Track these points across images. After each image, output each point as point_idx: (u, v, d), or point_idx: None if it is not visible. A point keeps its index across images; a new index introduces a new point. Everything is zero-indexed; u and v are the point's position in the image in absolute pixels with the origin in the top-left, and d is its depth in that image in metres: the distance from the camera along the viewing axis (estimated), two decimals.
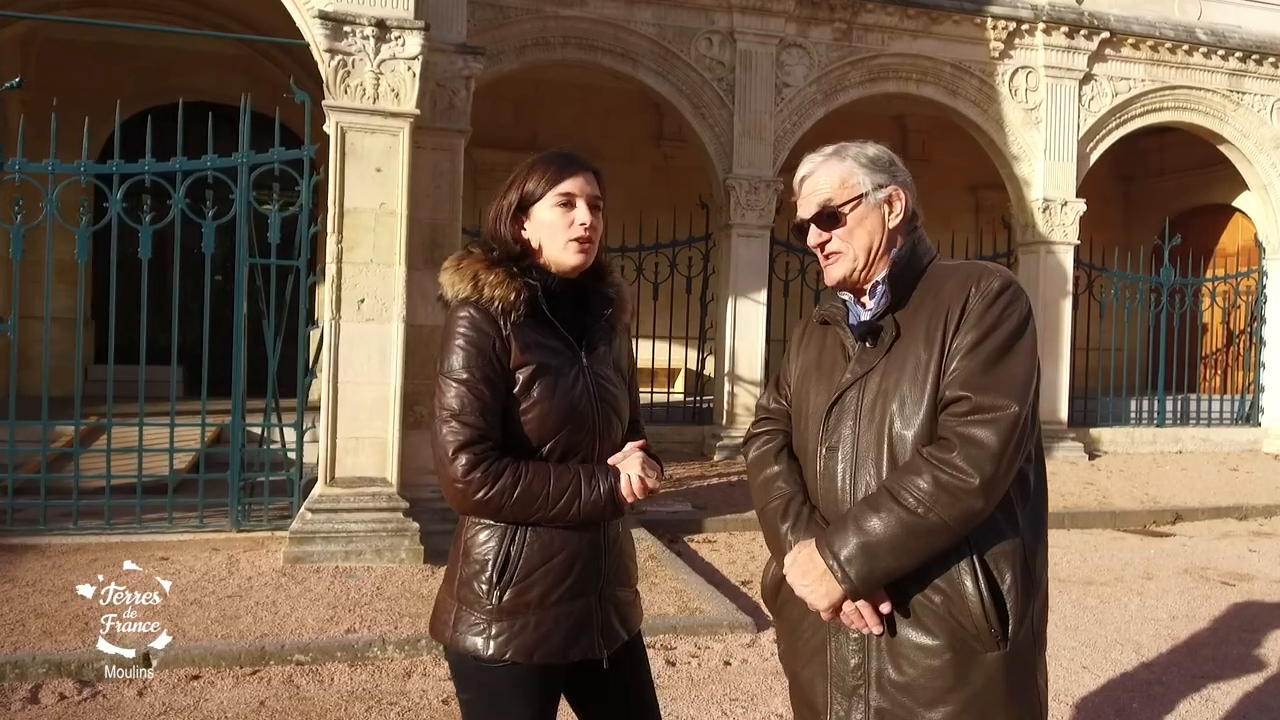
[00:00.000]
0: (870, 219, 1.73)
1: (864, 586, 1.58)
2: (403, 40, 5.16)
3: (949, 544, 1.57)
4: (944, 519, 1.54)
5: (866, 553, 1.57)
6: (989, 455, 1.54)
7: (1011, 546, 1.61)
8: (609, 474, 1.78)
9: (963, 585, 1.57)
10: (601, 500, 1.75)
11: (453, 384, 1.71)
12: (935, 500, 1.54)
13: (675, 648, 4.23)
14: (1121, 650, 4.37)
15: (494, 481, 1.68)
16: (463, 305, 1.75)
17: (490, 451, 1.70)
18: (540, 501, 1.71)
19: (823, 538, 1.63)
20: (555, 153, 1.86)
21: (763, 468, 1.82)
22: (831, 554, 1.59)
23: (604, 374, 1.85)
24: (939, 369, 1.61)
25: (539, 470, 1.73)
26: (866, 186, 1.72)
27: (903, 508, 1.56)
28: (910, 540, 1.55)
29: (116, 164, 5.55)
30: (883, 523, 1.56)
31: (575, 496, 1.73)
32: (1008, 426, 1.55)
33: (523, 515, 1.72)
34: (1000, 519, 1.61)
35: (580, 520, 1.75)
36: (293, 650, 3.96)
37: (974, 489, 1.53)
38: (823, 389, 1.74)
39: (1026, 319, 1.63)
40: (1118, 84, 10.53)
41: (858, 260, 1.73)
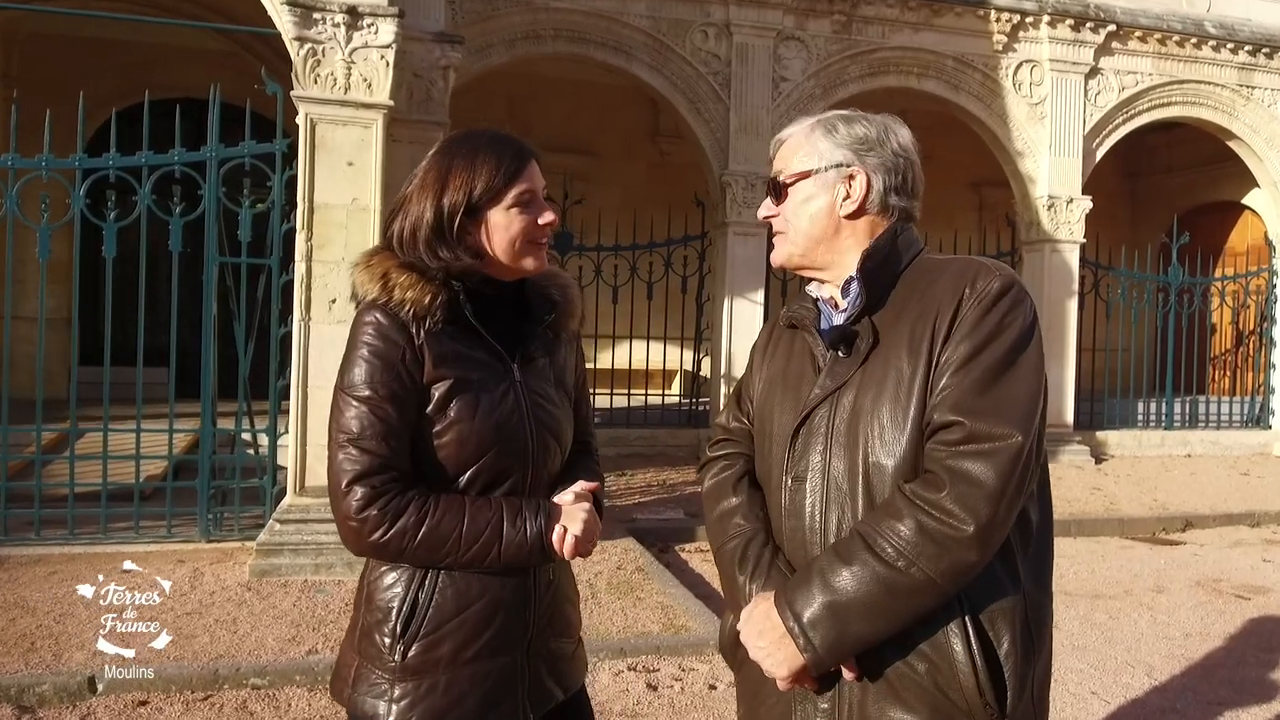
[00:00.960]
0: (817, 200, 1.48)
1: (830, 655, 1.31)
2: (375, 28, 4.92)
3: (935, 604, 1.29)
4: (930, 574, 1.27)
5: (834, 615, 1.29)
6: (985, 496, 1.26)
7: (1011, 603, 1.33)
8: (540, 511, 1.50)
9: (951, 651, 1.30)
10: (528, 544, 1.47)
11: (352, 402, 1.45)
12: (919, 551, 1.27)
13: (658, 670, 3.98)
14: (1133, 673, 4.11)
15: (393, 520, 1.42)
16: (369, 309, 1.49)
17: (391, 484, 1.44)
18: (451, 545, 1.44)
19: (783, 593, 1.35)
20: (491, 137, 1.57)
21: (719, 499, 1.55)
22: (792, 614, 1.32)
23: (541, 390, 1.59)
24: (925, 386, 1.33)
25: (451, 507, 1.45)
26: (820, 163, 1.47)
27: (879, 560, 1.28)
28: (888, 600, 1.28)
29: (79, 158, 5.32)
30: (855, 578, 1.29)
31: (495, 539, 1.45)
32: (1009, 460, 1.27)
33: (429, 560, 1.46)
34: (998, 568, 1.33)
35: (501, 567, 1.48)
36: (249, 673, 3.72)
37: (967, 538, 1.26)
38: (789, 406, 1.47)
39: (1031, 328, 1.36)
40: (1124, 78, 10.26)
41: (795, 245, 1.50)
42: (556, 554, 1.50)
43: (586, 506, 1.55)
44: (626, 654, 4.07)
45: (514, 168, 1.53)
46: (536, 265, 1.57)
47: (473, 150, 1.53)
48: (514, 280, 1.60)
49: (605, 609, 4.62)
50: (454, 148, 1.55)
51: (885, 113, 1.56)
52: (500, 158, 1.52)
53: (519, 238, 1.53)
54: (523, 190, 1.53)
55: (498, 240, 1.53)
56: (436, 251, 1.49)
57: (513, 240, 1.53)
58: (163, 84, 9.09)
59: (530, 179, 1.54)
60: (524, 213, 1.53)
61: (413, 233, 1.51)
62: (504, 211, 1.52)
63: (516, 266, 1.56)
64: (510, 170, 1.52)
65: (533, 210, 1.54)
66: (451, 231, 1.50)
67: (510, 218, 1.53)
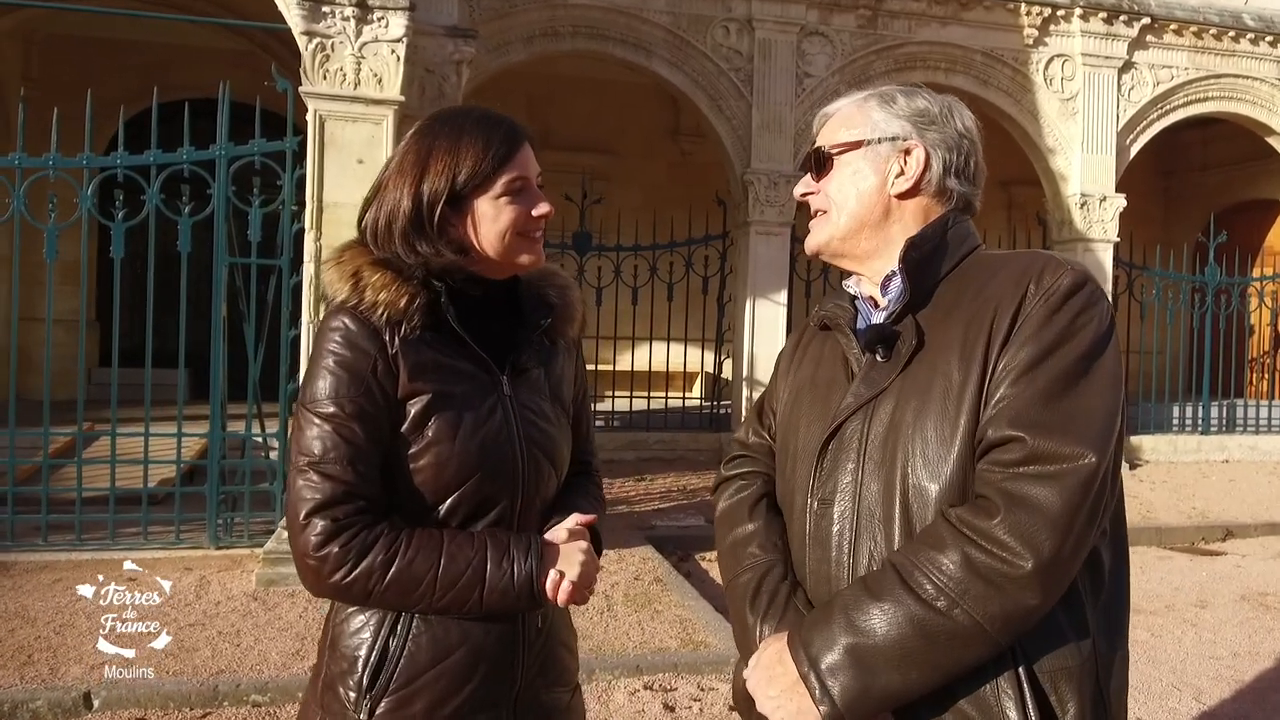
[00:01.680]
0: (865, 174, 1.29)
1: (852, 712, 1.10)
2: (386, 21, 4.78)
3: (983, 656, 1.09)
4: (977, 619, 1.06)
5: (859, 662, 1.09)
6: (1048, 526, 1.06)
7: (1079, 661, 1.12)
8: (530, 550, 1.30)
9: (1003, 716, 1.09)
10: (514, 590, 1.27)
11: (315, 420, 1.26)
12: (965, 590, 1.07)
13: (675, 689, 3.80)
14: (1179, 697, 3.88)
15: (357, 559, 1.22)
16: (337, 313, 1.30)
17: (357, 516, 1.24)
18: (425, 589, 1.25)
19: (798, 633, 1.15)
20: (479, 116, 1.36)
21: (733, 525, 1.36)
22: (808, 658, 1.11)
23: (534, 406, 1.39)
24: (979, 397, 1.13)
25: (426, 544, 1.26)
26: (873, 133, 1.29)
27: (916, 598, 1.08)
28: (925, 647, 1.07)
29: (86, 157, 5.23)
30: (886, 618, 1.09)
31: (476, 583, 1.25)
32: (1078, 485, 1.07)
33: (400, 605, 1.27)
34: (1062, 619, 1.12)
35: (483, 613, 1.29)
36: (249, 690, 3.58)
37: (1024, 576, 1.06)
38: (816, 418, 1.27)
39: (1108, 332, 1.16)
40: (1159, 72, 9.96)
41: (838, 226, 1.30)
42: (548, 601, 1.31)
43: (584, 546, 1.35)
44: (643, 671, 3.90)
45: (504, 151, 1.33)
46: (530, 261, 1.38)
47: (457, 130, 1.33)
48: (505, 280, 1.41)
49: (621, 622, 4.45)
50: (437, 127, 1.36)
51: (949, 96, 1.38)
52: (489, 139, 1.33)
53: (509, 231, 1.34)
54: (514, 177, 1.34)
55: (485, 233, 1.34)
56: (414, 245, 1.31)
57: (502, 233, 1.34)
58: (179, 84, 9.04)
59: (523, 165, 1.35)
60: (515, 202, 1.34)
61: (388, 224, 1.32)
62: (492, 201, 1.33)
63: (507, 264, 1.37)
64: (500, 154, 1.33)
65: (525, 200, 1.35)
66: (431, 223, 1.31)
67: (499, 208, 1.33)
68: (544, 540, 1.34)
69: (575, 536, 1.36)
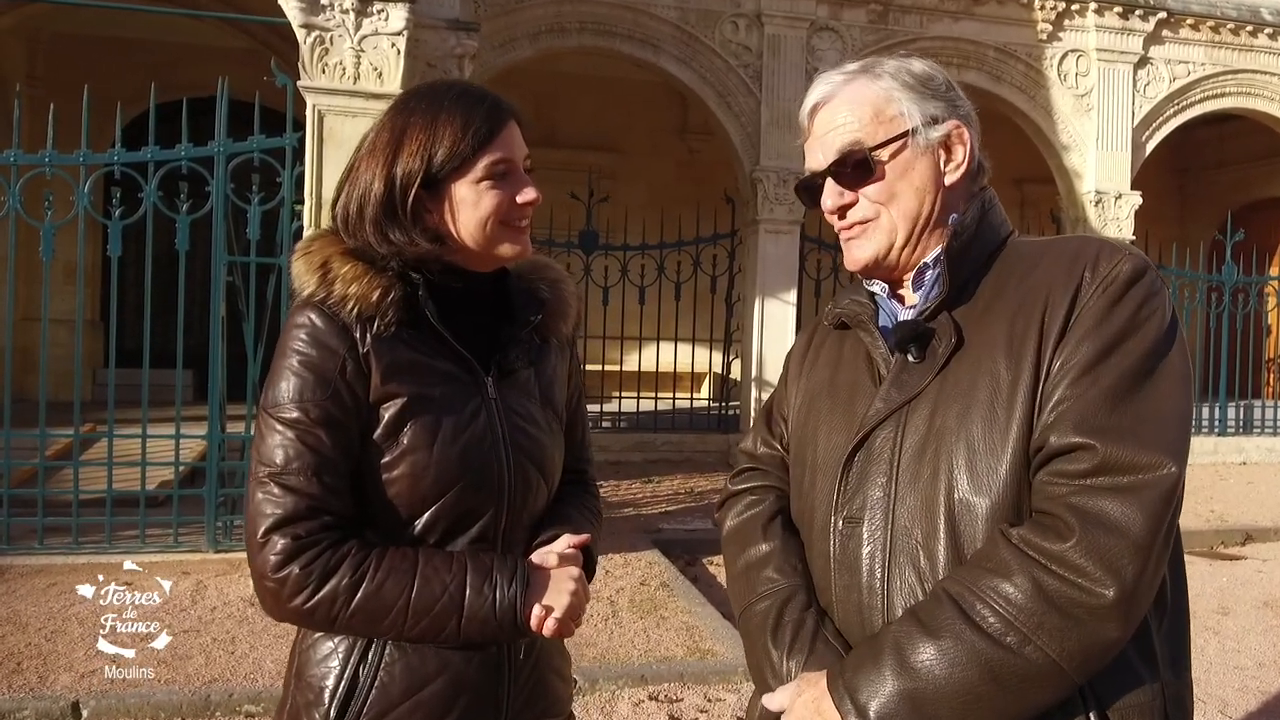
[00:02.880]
0: (919, 170, 1.12)
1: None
2: (385, 14, 4.69)
3: (1057, 698, 0.96)
4: (1052, 656, 0.93)
5: (916, 710, 0.96)
6: (1132, 548, 0.93)
7: (1149, 696, 1.00)
8: (516, 576, 1.17)
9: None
10: (495, 620, 1.14)
11: (276, 426, 1.14)
12: (1038, 623, 0.94)
13: (681, 699, 3.68)
14: (1204, 709, 3.74)
15: (320, 582, 1.10)
16: (303, 308, 1.18)
17: (321, 533, 1.12)
18: (396, 615, 1.12)
19: (840, 675, 1.02)
20: (461, 91, 1.23)
21: (744, 546, 1.22)
22: (855, 706, 0.98)
23: (522, 410, 1.27)
24: (1032, 399, 1.01)
25: (398, 566, 1.13)
26: (915, 120, 1.12)
27: (979, 632, 0.95)
28: (993, 692, 0.94)
29: (83, 154, 5.14)
30: (945, 658, 0.95)
31: (453, 611, 1.13)
32: (1160, 499, 0.95)
33: (368, 632, 1.16)
34: (1130, 648, 1.00)
35: (460, 643, 1.17)
36: (242, 699, 3.48)
37: (1107, 606, 0.93)
38: (838, 426, 1.14)
39: (1174, 326, 1.03)
40: (1175, 68, 9.80)
41: (897, 233, 1.13)
42: (531, 633, 1.18)
43: (575, 573, 1.21)
44: (648, 681, 3.78)
45: (486, 130, 1.19)
46: (515, 252, 1.25)
47: (435, 106, 1.20)
48: (491, 273, 1.29)
49: (626, 630, 4.34)
50: (413, 103, 1.23)
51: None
52: (469, 117, 1.19)
53: (491, 218, 1.21)
54: (496, 159, 1.20)
55: (464, 221, 1.21)
56: (387, 233, 1.18)
57: (483, 221, 1.21)
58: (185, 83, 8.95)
59: (507, 145, 1.22)
60: (498, 187, 1.21)
61: (360, 209, 1.19)
62: (472, 185, 1.20)
63: (490, 254, 1.24)
64: (481, 133, 1.19)
65: (509, 185, 1.22)
66: (405, 208, 1.18)
67: (480, 193, 1.20)
68: (530, 564, 1.21)
69: (566, 561, 1.23)
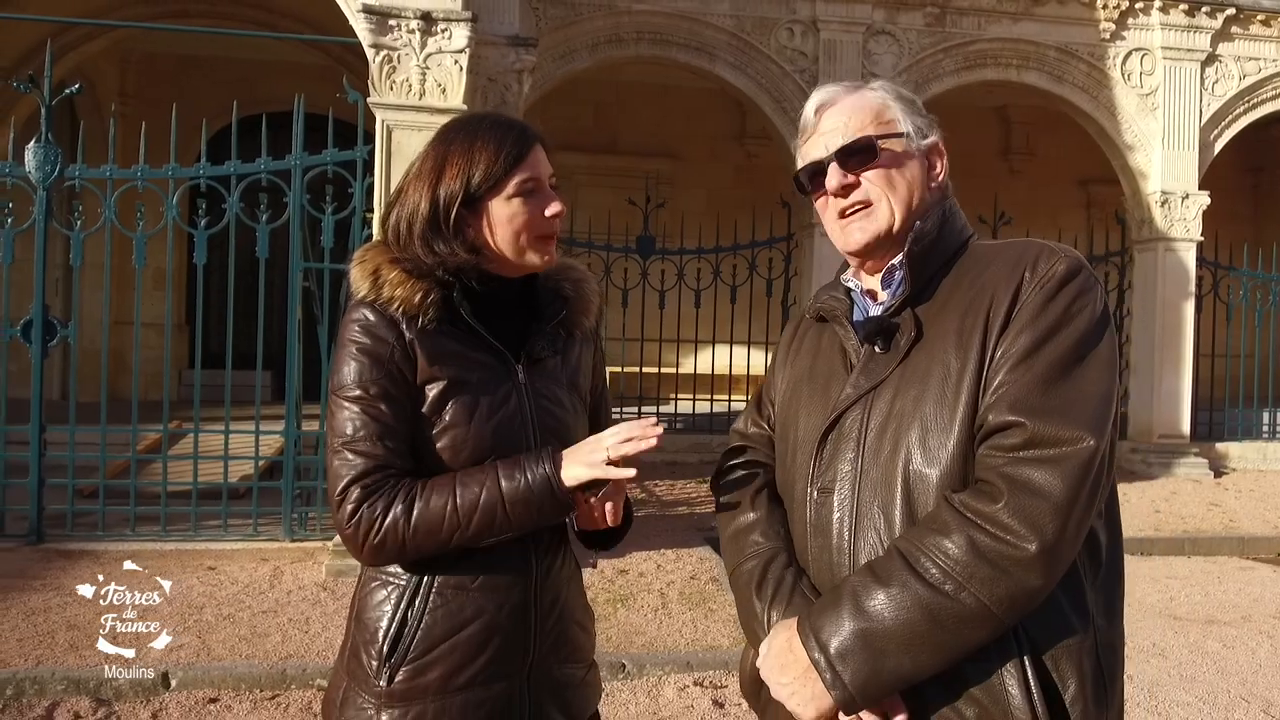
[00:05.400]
0: (913, 166, 1.30)
1: (863, 695, 1.13)
2: (449, 33, 4.95)
3: (989, 637, 1.11)
4: (983, 601, 1.09)
5: (868, 646, 1.12)
6: (1052, 509, 1.09)
7: (1078, 640, 1.15)
8: (542, 455, 1.35)
9: (1007, 695, 1.12)
10: (534, 493, 1.32)
11: (344, 404, 1.36)
12: (971, 573, 1.10)
13: (725, 686, 3.84)
14: (1247, 709, 3.75)
15: (383, 515, 1.31)
16: (357, 306, 1.40)
17: (386, 480, 1.33)
18: (450, 521, 1.31)
19: (807, 620, 1.18)
20: (493, 121, 1.45)
21: (734, 515, 1.40)
22: (818, 644, 1.15)
23: (548, 393, 1.46)
24: (977, 384, 1.16)
25: (440, 483, 1.33)
26: (907, 126, 1.30)
27: (923, 582, 1.11)
28: (933, 630, 1.10)
29: (172, 168, 5.52)
30: (894, 602, 1.12)
31: (495, 501, 1.31)
32: (1078, 468, 1.10)
33: (437, 547, 1.34)
34: (1062, 599, 1.15)
35: (514, 528, 1.34)
36: (315, 674, 3.74)
37: (1029, 558, 1.09)
38: (816, 409, 1.31)
39: (1102, 319, 1.18)
40: (1245, 65, 9.57)
41: (895, 216, 1.28)
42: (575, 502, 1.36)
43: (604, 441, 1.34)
44: (693, 668, 3.94)
45: (515, 153, 1.40)
46: (543, 261, 1.45)
47: (471, 135, 1.41)
48: (520, 276, 1.49)
49: (675, 619, 4.51)
50: (452, 134, 1.44)
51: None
52: (500, 143, 1.40)
53: (523, 231, 1.41)
54: (525, 178, 1.41)
55: (500, 234, 1.41)
56: (432, 246, 1.39)
57: (516, 233, 1.41)
58: (263, 97, 9.43)
59: (534, 166, 1.42)
60: (528, 203, 1.41)
61: (408, 226, 1.41)
62: (505, 201, 1.40)
63: (521, 263, 1.44)
64: (511, 156, 1.40)
65: (538, 200, 1.42)
66: (448, 224, 1.39)
67: (513, 208, 1.40)
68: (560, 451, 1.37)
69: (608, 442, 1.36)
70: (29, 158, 5.42)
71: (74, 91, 5.56)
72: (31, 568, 5.02)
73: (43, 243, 5.49)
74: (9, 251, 5.47)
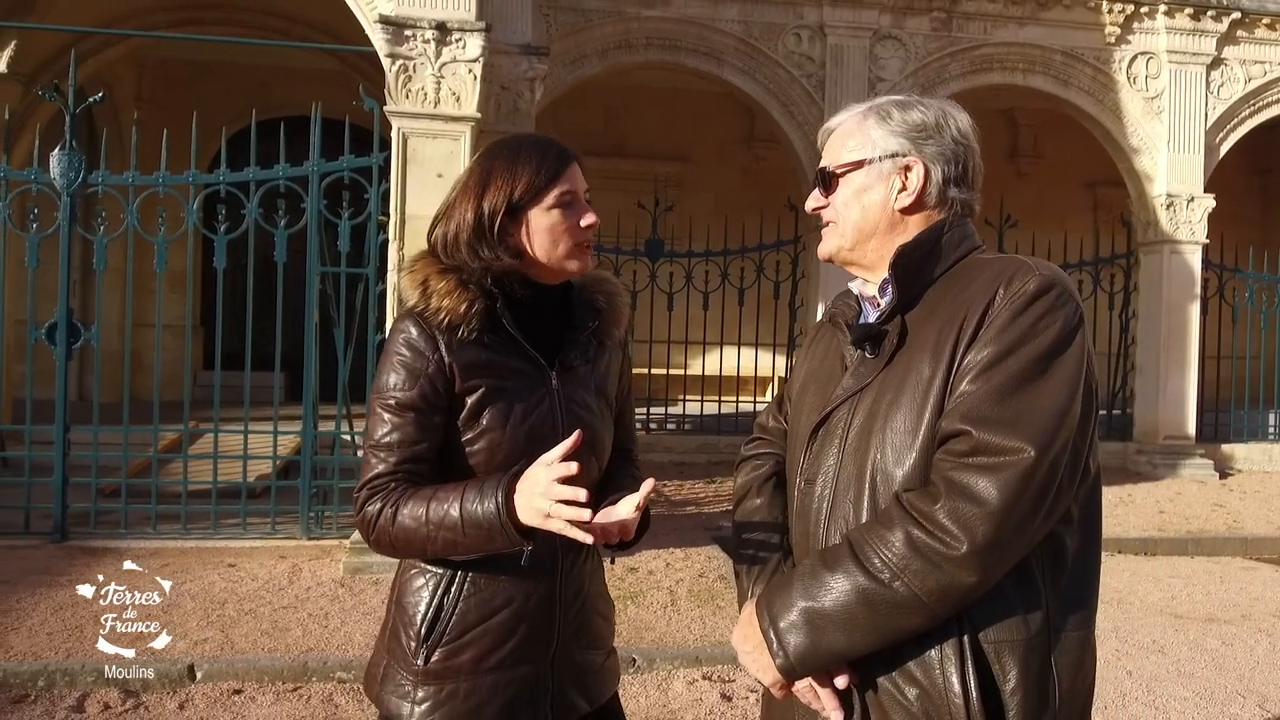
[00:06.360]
0: (873, 191, 1.40)
1: (802, 665, 1.25)
2: (464, 43, 5.06)
3: (923, 625, 1.20)
4: (915, 591, 1.19)
5: (810, 623, 1.23)
6: (985, 515, 1.16)
7: (1026, 636, 1.22)
8: (498, 484, 1.38)
9: (942, 679, 1.21)
10: (484, 519, 1.36)
11: (378, 409, 1.48)
12: (905, 565, 1.19)
13: (733, 680, 3.94)
14: (1243, 704, 3.84)
15: (377, 515, 1.43)
16: (405, 318, 1.51)
17: (389, 484, 1.45)
18: (420, 530, 1.41)
19: (765, 596, 1.31)
20: (534, 140, 1.58)
21: (743, 499, 1.54)
22: (769, 618, 1.27)
23: (579, 399, 1.57)
24: (943, 392, 1.25)
25: (420, 494, 1.43)
26: (874, 152, 1.40)
27: (864, 570, 1.21)
28: (867, 614, 1.21)
29: (192, 174, 5.65)
30: (836, 587, 1.22)
31: (456, 520, 1.38)
32: (1017, 478, 1.17)
33: (417, 550, 1.45)
34: (1014, 596, 1.23)
35: (473, 550, 1.41)
36: (335, 667, 3.87)
37: (959, 557, 1.17)
38: (815, 406, 1.42)
39: (1070, 334, 1.24)
40: (1251, 68, 9.63)
41: (845, 238, 1.42)
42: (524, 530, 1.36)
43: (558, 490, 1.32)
44: (702, 662, 4.05)
45: (555, 168, 1.52)
46: (580, 267, 1.57)
47: (514, 152, 1.54)
48: (558, 285, 1.60)
49: (684, 616, 4.61)
50: (496, 151, 1.57)
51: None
52: (542, 158, 1.52)
53: (561, 239, 1.53)
54: (564, 191, 1.52)
55: (539, 242, 1.53)
56: (478, 252, 1.50)
57: (555, 242, 1.53)
58: (278, 103, 9.59)
59: (571, 180, 1.54)
60: (565, 214, 1.52)
61: (455, 235, 1.52)
62: (545, 212, 1.52)
63: (560, 269, 1.56)
64: (551, 171, 1.52)
65: (575, 212, 1.54)
66: (493, 231, 1.50)
67: (552, 219, 1.52)
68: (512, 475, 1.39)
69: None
70: (54, 164, 5.56)
71: (98, 100, 5.70)
72: (57, 564, 5.15)
73: (67, 247, 5.63)
74: (33, 256, 5.61)
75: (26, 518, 5.65)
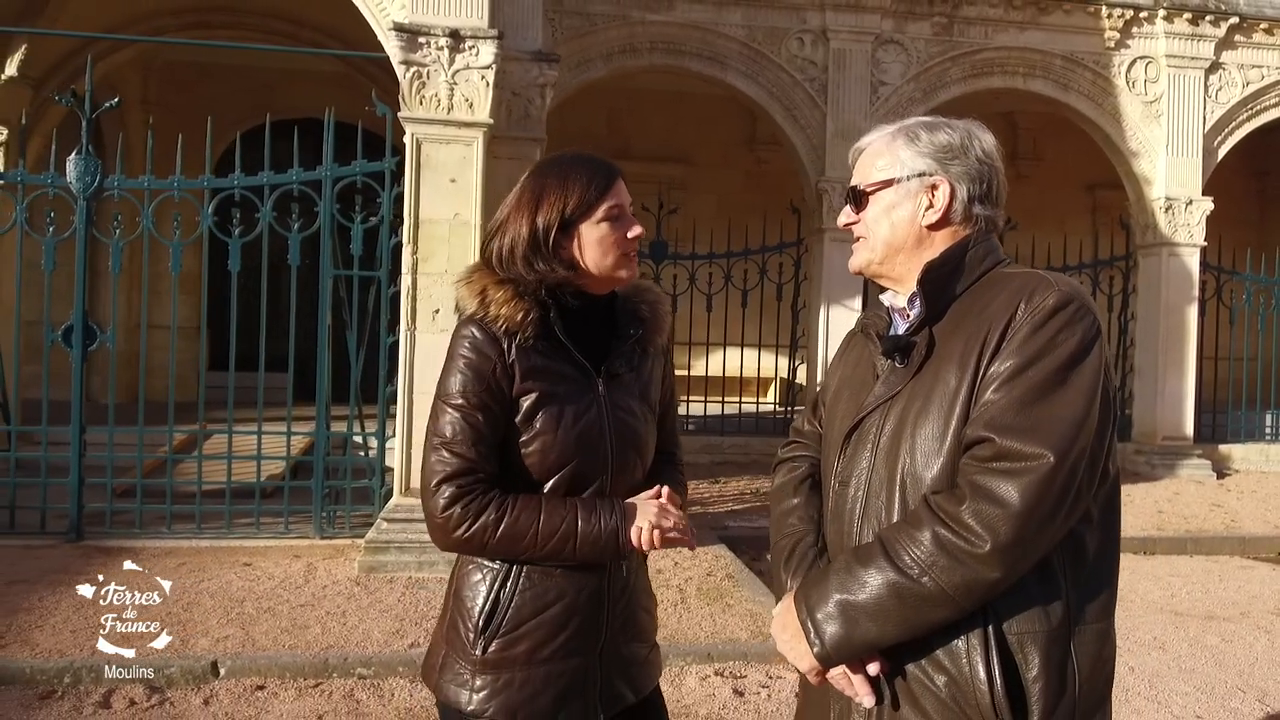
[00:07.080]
0: (901, 208, 1.49)
1: (837, 653, 1.34)
2: (476, 49, 5.14)
3: (950, 617, 1.29)
4: (942, 586, 1.27)
5: (845, 614, 1.33)
6: (1008, 516, 1.25)
7: (1047, 628, 1.31)
8: (615, 510, 1.58)
9: (969, 668, 1.30)
10: (602, 539, 1.56)
11: (447, 409, 1.57)
12: (933, 563, 1.28)
13: (745, 676, 4.02)
14: (1243, 698, 3.93)
15: (475, 517, 1.53)
16: (467, 323, 1.61)
17: (477, 485, 1.55)
18: (529, 540, 1.54)
19: (802, 589, 1.40)
20: (581, 158, 1.68)
21: (780, 500, 1.63)
22: (807, 609, 1.36)
23: (625, 405, 1.66)
24: (969, 401, 1.33)
25: (528, 505, 1.55)
26: (902, 171, 1.49)
27: (894, 566, 1.30)
28: (898, 607, 1.30)
29: (207, 179, 5.72)
30: (869, 581, 1.32)
31: (570, 536, 1.54)
32: (1038, 482, 1.25)
33: (509, 553, 1.57)
34: (1036, 591, 1.31)
35: (577, 561, 1.57)
36: (355, 663, 3.94)
37: (982, 555, 1.25)
38: (848, 412, 1.51)
39: (1088, 346, 1.32)
40: (1249, 73, 9.74)
41: (875, 252, 1.52)
42: (631, 549, 1.58)
43: (660, 502, 1.62)
44: (714, 659, 4.13)
45: (603, 184, 1.62)
46: (629, 275, 1.67)
47: (564, 170, 1.64)
48: (605, 294, 1.69)
49: (694, 614, 4.69)
50: (547, 169, 1.66)
51: (970, 117, 1.56)
52: (591, 176, 1.63)
53: (611, 250, 1.63)
54: (612, 205, 1.62)
55: (590, 253, 1.62)
56: (533, 265, 1.59)
57: (605, 253, 1.62)
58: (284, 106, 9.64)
59: (618, 194, 1.64)
60: (614, 226, 1.62)
61: (511, 250, 1.61)
62: (595, 225, 1.62)
63: (609, 277, 1.65)
64: (600, 187, 1.62)
65: (622, 224, 1.64)
66: (547, 245, 1.60)
67: (601, 231, 1.62)
68: (626, 503, 1.62)
69: (652, 498, 1.64)
70: (70, 169, 5.63)
71: (113, 105, 5.77)
72: (74, 563, 5.22)
73: (83, 251, 5.70)
74: (50, 259, 5.68)
75: (42, 517, 5.71)
